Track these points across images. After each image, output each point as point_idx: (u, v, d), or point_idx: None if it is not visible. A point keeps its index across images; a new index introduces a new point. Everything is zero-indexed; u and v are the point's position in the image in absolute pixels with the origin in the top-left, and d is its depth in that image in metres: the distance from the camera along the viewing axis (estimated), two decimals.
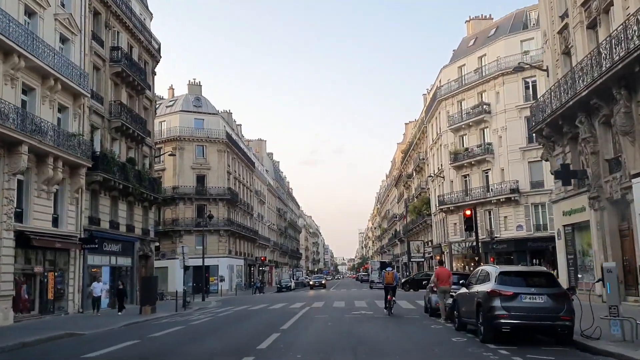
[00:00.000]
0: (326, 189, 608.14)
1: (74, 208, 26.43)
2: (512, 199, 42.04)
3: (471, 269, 46.27)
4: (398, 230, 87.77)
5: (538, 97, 42.55)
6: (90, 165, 26.80)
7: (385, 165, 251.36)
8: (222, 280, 57.96)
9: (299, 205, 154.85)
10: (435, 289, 18.66)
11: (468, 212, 22.04)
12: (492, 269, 13.58)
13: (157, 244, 40.22)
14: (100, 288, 26.58)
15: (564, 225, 24.65)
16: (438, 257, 54.94)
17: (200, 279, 56.30)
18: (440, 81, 51.37)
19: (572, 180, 21.57)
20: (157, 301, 28.66)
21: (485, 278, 13.46)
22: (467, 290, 14.74)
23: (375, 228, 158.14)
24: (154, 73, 39.07)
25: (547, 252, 41.14)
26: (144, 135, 35.05)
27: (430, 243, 56.03)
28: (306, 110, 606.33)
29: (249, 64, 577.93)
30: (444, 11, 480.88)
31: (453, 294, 16.97)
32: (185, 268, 32.45)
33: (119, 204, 31.91)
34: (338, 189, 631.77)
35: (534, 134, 28.68)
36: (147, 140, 36.69)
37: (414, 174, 68.31)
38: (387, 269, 22.08)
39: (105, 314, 25.61)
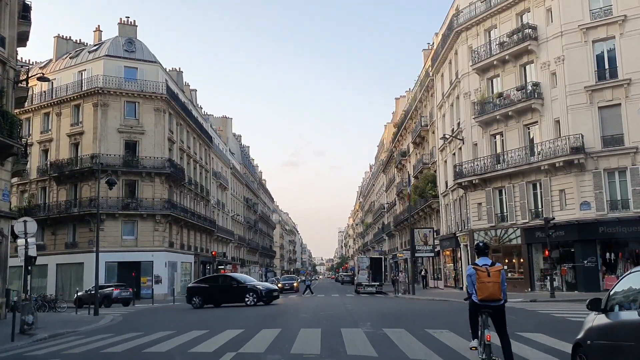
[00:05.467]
0: (306, 191, 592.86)
1: None
2: (575, 162, 27.96)
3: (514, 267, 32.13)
4: (387, 222, 73.67)
5: (615, 11, 28.97)
6: None
7: (367, 164, 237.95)
8: (157, 281, 43.16)
9: (273, 199, 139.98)
10: None
11: None
12: None
13: (15, 222, 25.15)
14: None
15: None
16: (448, 252, 40.84)
17: (129, 279, 41.76)
18: (457, 7, 37.14)
19: None
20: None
21: None
22: None
23: (357, 225, 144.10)
24: None
25: (628, 244, 27.45)
26: None
27: (436, 234, 41.83)
28: (287, 112, 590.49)
29: (231, 67, 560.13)
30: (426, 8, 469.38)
31: None
32: (29, 260, 17.54)
33: None
34: (318, 191, 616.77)
35: None
36: None
37: (412, 149, 54.09)
38: (480, 263, 7.89)
39: None
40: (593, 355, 6.02)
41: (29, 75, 25.44)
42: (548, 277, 27.50)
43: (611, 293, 6.12)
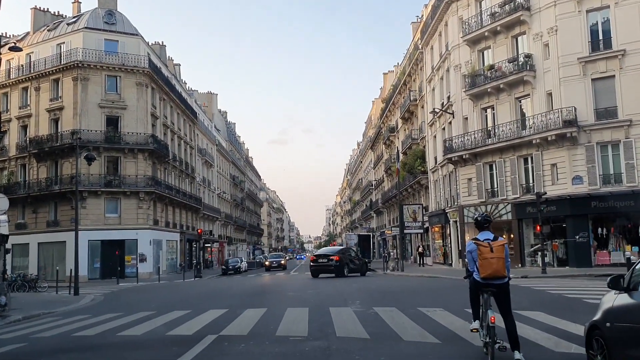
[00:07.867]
0: (294, 169, 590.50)
1: None
2: (567, 136, 27.36)
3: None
4: (375, 199, 73.19)
5: None
6: None
7: (355, 141, 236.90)
8: (142, 260, 42.36)
9: (260, 177, 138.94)
10: None
11: None
12: None
13: None
14: None
15: None
16: (437, 228, 40.40)
17: (112, 259, 40.99)
18: None
19: None
20: None
21: None
22: None
23: (344, 202, 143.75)
24: None
25: (620, 219, 27.09)
26: None
27: (425, 210, 41.31)
28: (275, 88, 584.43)
29: (217, 42, 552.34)
30: None
31: None
32: (1, 239, 16.63)
33: None
34: (306, 168, 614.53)
35: None
36: None
37: (400, 124, 53.33)
38: (482, 237, 7.25)
39: None
40: (614, 339, 5.34)
41: (1, 44, 24.14)
42: (539, 253, 27.09)
43: (636, 268, 5.45)
